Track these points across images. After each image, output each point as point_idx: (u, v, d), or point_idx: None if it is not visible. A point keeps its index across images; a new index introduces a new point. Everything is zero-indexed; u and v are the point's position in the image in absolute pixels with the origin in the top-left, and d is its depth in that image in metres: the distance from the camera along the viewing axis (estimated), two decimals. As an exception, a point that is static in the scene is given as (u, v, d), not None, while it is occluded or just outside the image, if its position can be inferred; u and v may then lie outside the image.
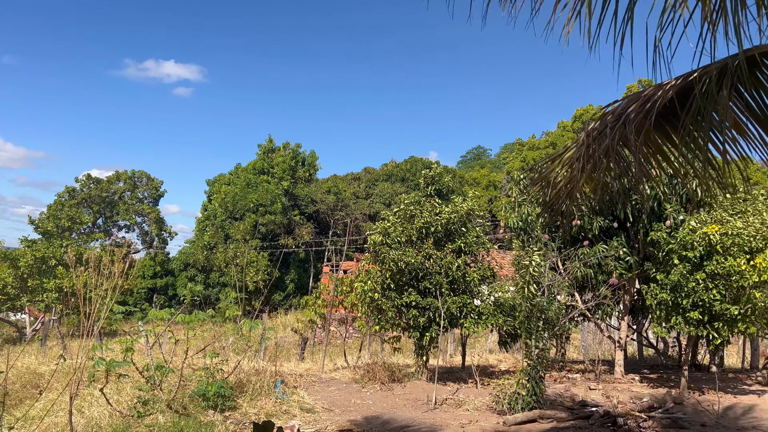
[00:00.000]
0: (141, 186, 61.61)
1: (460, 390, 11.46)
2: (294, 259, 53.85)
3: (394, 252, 11.86)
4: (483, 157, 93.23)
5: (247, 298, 40.98)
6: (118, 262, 7.32)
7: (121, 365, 7.50)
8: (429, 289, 11.91)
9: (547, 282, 10.34)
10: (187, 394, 8.15)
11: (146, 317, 12.14)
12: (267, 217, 50.58)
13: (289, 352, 20.39)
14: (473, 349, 21.04)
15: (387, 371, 12.07)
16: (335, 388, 11.33)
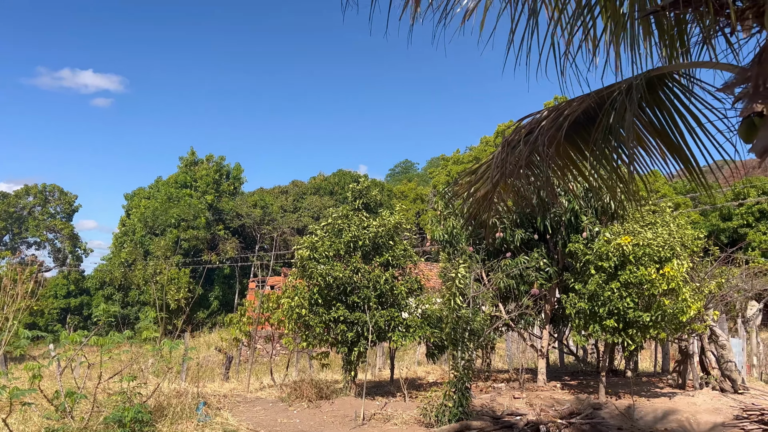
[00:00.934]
0: (53, 200, 58.27)
1: (389, 404, 11.45)
2: (218, 275, 52.41)
3: (322, 266, 11.75)
4: (411, 171, 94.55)
5: (168, 316, 39.39)
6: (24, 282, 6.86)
7: (25, 393, 6.98)
8: (357, 303, 11.86)
9: (472, 293, 10.54)
10: (101, 421, 7.69)
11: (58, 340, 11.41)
12: (189, 232, 49.04)
13: (213, 371, 19.73)
14: (402, 362, 21.13)
15: (315, 388, 11.89)
16: (261, 408, 11.04)
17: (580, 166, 4.29)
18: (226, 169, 58.12)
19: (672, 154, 3.72)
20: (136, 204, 53.85)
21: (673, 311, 11.23)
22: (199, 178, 54.61)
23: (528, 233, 13.31)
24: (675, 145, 3.68)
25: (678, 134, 3.65)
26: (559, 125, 3.83)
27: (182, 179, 54.52)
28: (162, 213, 49.35)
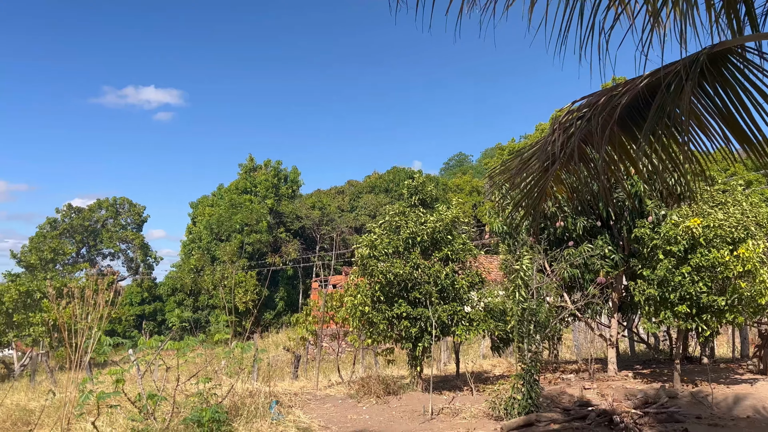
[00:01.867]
0: (123, 213, 61.09)
1: (456, 398, 11.45)
2: (282, 277, 53.61)
3: (382, 264, 11.86)
4: (465, 163, 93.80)
5: (238, 319, 40.66)
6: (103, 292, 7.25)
7: (111, 396, 7.40)
8: (419, 298, 11.91)
9: (535, 284, 10.40)
10: (180, 421, 8.05)
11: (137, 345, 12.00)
12: (253, 237, 50.36)
13: (283, 371, 20.23)
14: (467, 355, 21.06)
15: (382, 384, 12.03)
16: (331, 405, 11.26)
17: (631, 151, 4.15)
18: (283, 173, 59.37)
19: (735, 133, 3.57)
20: (201, 212, 55.76)
21: (751, 294, 10.74)
22: (258, 183, 56.00)
23: (590, 221, 13.00)
24: (739, 124, 3.53)
25: (744, 112, 3.50)
26: (613, 106, 3.74)
27: (243, 185, 56.06)
28: (226, 219, 50.88)
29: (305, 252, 54.83)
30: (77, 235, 57.97)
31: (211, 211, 54.66)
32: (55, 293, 6.56)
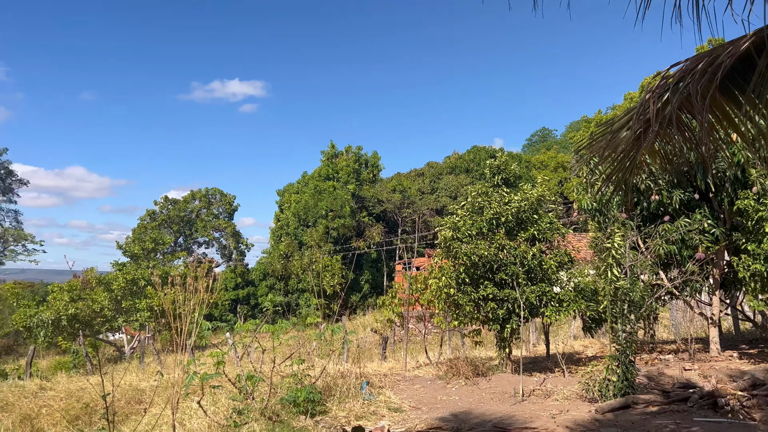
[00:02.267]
0: (215, 202, 64.00)
1: (547, 380, 11.26)
2: (366, 260, 54.45)
3: (466, 246, 11.78)
4: (549, 139, 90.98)
5: (326, 302, 41.81)
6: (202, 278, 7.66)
7: (213, 377, 7.84)
8: (505, 280, 11.76)
9: (629, 263, 9.99)
10: (278, 401, 8.42)
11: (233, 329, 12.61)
12: (337, 222, 51.40)
13: (371, 352, 20.64)
14: (556, 336, 20.61)
15: (470, 366, 12.02)
16: (420, 386, 11.38)
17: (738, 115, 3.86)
18: (364, 158, 60.04)
19: None
20: (287, 199, 57.50)
21: None
22: (340, 169, 56.96)
23: (687, 193, 12.28)
24: None
25: None
26: (714, 70, 3.49)
27: (325, 172, 57.22)
28: (312, 206, 52.21)
29: (388, 235, 55.38)
30: (174, 225, 61.41)
31: (297, 198, 56.22)
32: (160, 281, 7.00)
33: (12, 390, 12.60)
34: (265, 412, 7.99)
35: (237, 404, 8.12)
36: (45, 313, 28.97)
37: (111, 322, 31.94)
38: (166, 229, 60.32)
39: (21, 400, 11.86)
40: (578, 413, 8.57)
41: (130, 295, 32.53)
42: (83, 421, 10.29)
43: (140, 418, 9.68)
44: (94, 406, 10.76)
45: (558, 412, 8.63)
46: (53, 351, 33.84)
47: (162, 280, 7.45)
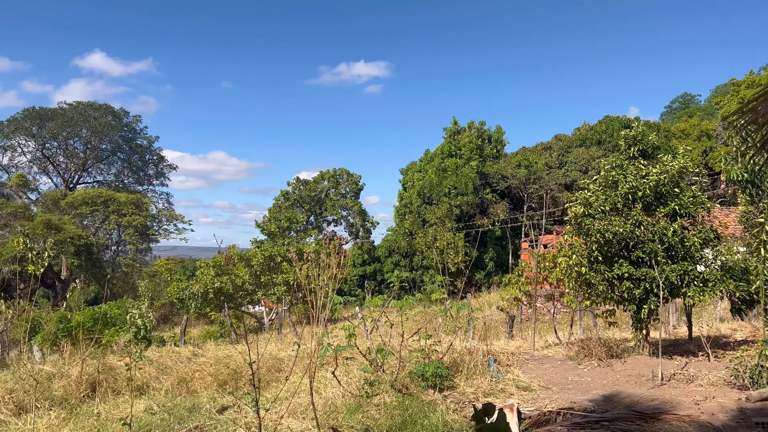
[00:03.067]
0: (342, 182, 66.21)
1: (690, 364, 10.53)
2: (490, 238, 53.74)
3: (599, 222, 11.24)
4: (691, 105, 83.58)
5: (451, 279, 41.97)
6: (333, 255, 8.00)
7: (346, 349, 8.21)
8: (642, 258, 11.08)
9: (787, 240, 9.01)
10: (406, 374, 8.64)
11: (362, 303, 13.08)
12: (460, 199, 51.13)
13: (497, 330, 20.45)
14: (700, 318, 19.15)
15: (603, 347, 11.54)
16: (549, 366, 11.13)
17: None
18: (487, 133, 58.98)
19: None
20: (410, 177, 58.06)
21: None
22: (462, 146, 56.44)
23: None
24: None
25: None
26: None
27: (447, 149, 56.97)
28: (436, 184, 52.35)
29: (512, 212, 54.19)
30: (305, 205, 64.46)
31: (419, 176, 56.59)
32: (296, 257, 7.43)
33: (170, 355, 13.99)
34: (395, 384, 8.24)
35: (368, 376, 8.45)
36: (194, 286, 31.81)
37: (251, 296, 34.39)
38: (299, 208, 63.48)
39: (177, 364, 13.16)
40: (725, 400, 7.95)
41: (267, 270, 34.74)
42: (230, 385, 11.21)
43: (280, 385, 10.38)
44: (239, 372, 11.68)
45: (702, 399, 8.07)
46: (202, 321, 37.13)
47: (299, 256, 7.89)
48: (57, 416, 8.33)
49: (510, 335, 17.24)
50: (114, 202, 48.87)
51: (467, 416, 7.10)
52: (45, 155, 64.03)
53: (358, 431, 6.44)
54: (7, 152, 63.61)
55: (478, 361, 9.92)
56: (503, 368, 10.26)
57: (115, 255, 54.05)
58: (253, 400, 5.40)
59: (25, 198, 57.03)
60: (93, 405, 9.59)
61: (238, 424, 6.93)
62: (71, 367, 11.89)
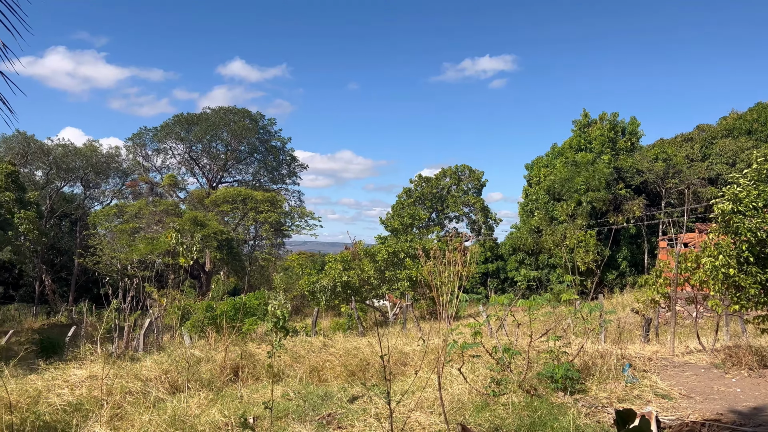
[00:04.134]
0: (464, 179, 65.84)
1: None
2: (624, 236, 50.78)
3: (750, 220, 10.28)
4: None
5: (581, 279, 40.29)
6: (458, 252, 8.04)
7: (472, 346, 8.21)
8: (803, 259, 9.98)
9: None
10: (534, 375, 8.47)
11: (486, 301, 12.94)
12: (590, 195, 48.83)
13: (631, 333, 19.33)
14: None
15: (755, 355, 10.55)
16: (691, 373, 10.37)
17: None
18: (620, 125, 55.76)
19: None
20: (536, 173, 56.42)
21: None
22: (593, 139, 53.86)
23: None
24: None
25: None
26: None
27: (576, 143, 54.64)
28: (565, 179, 50.46)
29: (648, 209, 50.80)
30: (427, 202, 64.86)
31: (546, 171, 54.80)
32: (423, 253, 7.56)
33: (302, 345, 14.76)
34: (523, 384, 8.11)
35: (495, 374, 8.39)
36: (323, 280, 33.26)
37: (376, 290, 35.31)
38: (421, 205, 64.06)
39: (309, 353, 13.86)
40: None
41: (391, 266, 35.47)
42: (359, 376, 11.63)
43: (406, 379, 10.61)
44: (366, 364, 12.08)
45: None
46: (331, 313, 38.70)
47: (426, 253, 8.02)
48: (206, 397, 9.12)
49: (646, 339, 16.24)
50: (251, 200, 52.26)
51: (600, 421, 6.83)
52: (191, 157, 69.95)
53: (485, 429, 6.43)
54: (160, 155, 70.33)
55: (612, 365, 9.48)
56: (639, 373, 9.72)
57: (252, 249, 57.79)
58: (383, 391, 5.59)
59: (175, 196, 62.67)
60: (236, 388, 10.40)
61: (369, 414, 7.20)
62: (216, 353, 12.95)
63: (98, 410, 8.45)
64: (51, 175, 63.74)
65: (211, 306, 20.78)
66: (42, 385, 10.21)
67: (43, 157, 62.38)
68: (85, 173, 65.45)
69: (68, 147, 63.91)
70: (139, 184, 65.99)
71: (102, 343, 14.11)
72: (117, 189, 69.80)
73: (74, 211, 63.56)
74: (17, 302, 56.67)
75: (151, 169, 70.43)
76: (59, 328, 40.42)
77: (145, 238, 43.73)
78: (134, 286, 14.07)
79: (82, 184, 66.63)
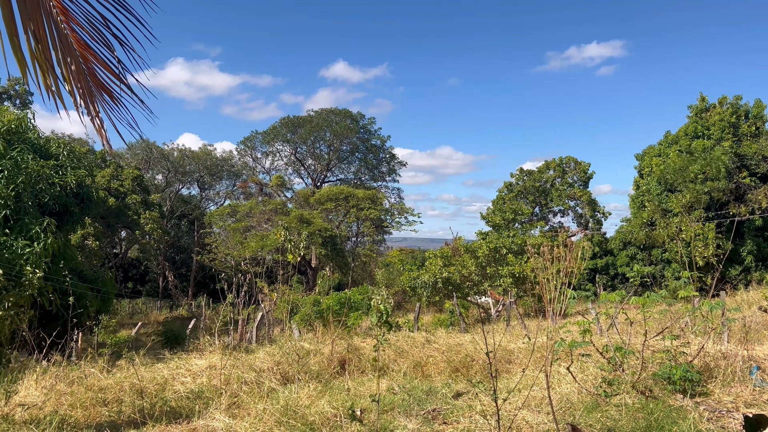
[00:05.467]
0: (569, 171, 63.50)
1: None
2: (749, 228, 46.75)
3: None
4: None
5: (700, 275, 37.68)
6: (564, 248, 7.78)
7: (581, 345, 7.93)
8: None
9: None
10: (649, 376, 8.04)
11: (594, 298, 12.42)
12: (709, 185, 45.44)
13: (759, 333, 17.79)
14: None
15: None
16: (833, 380, 9.39)
17: None
18: (743, 109, 51.40)
19: None
20: (647, 163, 53.31)
21: None
22: (711, 125, 50.09)
23: None
24: None
25: None
26: None
27: (692, 129, 51.06)
28: (679, 169, 47.37)
29: (779, 198, 46.42)
30: (530, 196, 63.18)
31: (658, 161, 51.61)
32: (532, 249, 7.40)
33: (405, 340, 14.92)
34: (636, 385, 7.73)
35: (606, 374, 8.06)
36: (424, 275, 33.38)
37: (477, 286, 34.92)
38: (523, 199, 62.56)
39: (412, 348, 13.99)
40: None
41: (493, 262, 34.95)
42: (462, 372, 11.59)
43: (511, 377, 10.44)
44: (470, 360, 12.01)
45: None
46: (432, 309, 38.80)
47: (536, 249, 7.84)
48: (315, 388, 9.48)
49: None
50: (353, 197, 53.46)
51: (725, 427, 6.37)
52: (297, 158, 72.68)
53: (597, 430, 6.20)
54: (268, 157, 73.67)
55: (737, 368, 8.80)
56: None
57: (355, 245, 59.11)
58: (489, 388, 5.54)
59: (283, 196, 65.40)
60: (343, 381, 10.71)
61: (474, 410, 7.16)
62: (323, 346, 13.40)
63: (217, 398, 9.04)
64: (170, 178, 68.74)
65: (317, 300, 21.52)
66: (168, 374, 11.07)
67: (163, 161, 67.41)
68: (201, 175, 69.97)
69: (185, 151, 68.62)
70: (249, 185, 69.53)
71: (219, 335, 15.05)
72: (229, 190, 73.97)
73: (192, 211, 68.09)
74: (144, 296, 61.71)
75: (260, 170, 73.98)
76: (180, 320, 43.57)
77: (256, 236, 46.03)
78: (247, 282, 14.86)
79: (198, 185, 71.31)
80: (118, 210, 46.32)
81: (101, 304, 22.84)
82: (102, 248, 47.71)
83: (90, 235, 42.68)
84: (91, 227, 42.09)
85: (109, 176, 48.83)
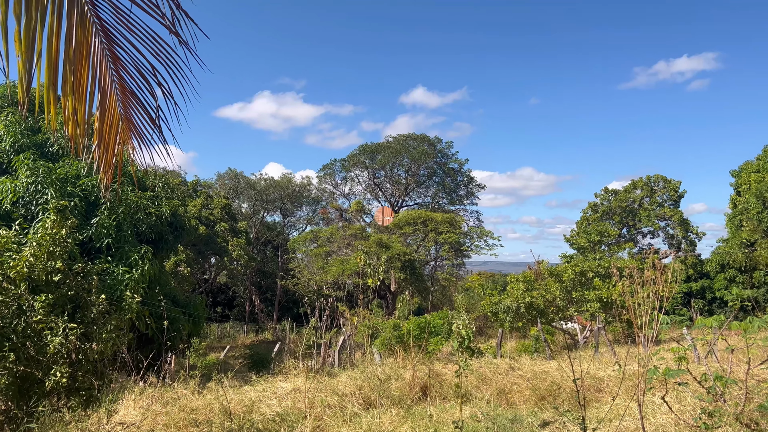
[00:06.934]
0: (658, 190, 60.62)
1: None
2: None
3: None
4: None
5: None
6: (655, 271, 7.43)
7: (677, 374, 7.48)
8: None
9: None
10: (756, 408, 7.46)
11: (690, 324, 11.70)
12: (817, 201, 41.99)
13: None
14: None
15: None
16: None
17: None
18: None
19: None
20: (745, 180, 50.05)
21: None
22: (817, 135, 46.51)
23: None
24: None
25: None
26: None
27: (795, 142, 47.54)
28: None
29: None
30: (616, 216, 60.72)
31: (757, 177, 48.31)
32: (618, 272, 7.13)
33: (488, 366, 14.63)
34: (741, 417, 7.19)
35: (705, 405, 7.54)
36: (506, 300, 32.67)
37: (563, 311, 33.74)
38: (608, 220, 60.24)
39: (496, 375, 13.69)
40: None
41: (579, 286, 33.72)
42: (548, 401, 11.20)
43: (601, 405, 9.99)
44: (557, 388, 11.59)
45: None
46: (516, 334, 37.81)
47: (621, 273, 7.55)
48: (397, 414, 9.46)
49: None
50: (431, 221, 53.41)
51: None
52: (375, 183, 73.71)
53: (697, 466, 5.81)
54: (348, 183, 75.23)
55: None
56: None
57: (434, 269, 58.85)
58: (577, 417, 5.34)
59: (362, 221, 66.36)
60: (425, 406, 10.62)
61: (562, 441, 6.90)
62: (404, 371, 13.37)
63: (302, 421, 9.19)
64: (256, 206, 71.50)
65: (397, 325, 21.53)
66: (254, 396, 11.40)
67: (249, 190, 70.34)
68: (283, 203, 72.35)
69: (269, 180, 71.34)
70: (329, 211, 71.15)
71: (303, 358, 15.36)
72: (310, 216, 75.97)
73: (275, 237, 70.35)
74: (232, 320, 64.05)
75: (339, 196, 75.57)
76: (266, 344, 44.81)
77: (337, 261, 46.85)
78: (329, 306, 15.14)
79: (280, 212, 73.73)
80: (207, 237, 48.62)
81: (192, 328, 23.92)
82: (193, 274, 50.08)
83: (182, 261, 44.98)
84: (183, 254, 44.38)
85: (199, 205, 51.44)
